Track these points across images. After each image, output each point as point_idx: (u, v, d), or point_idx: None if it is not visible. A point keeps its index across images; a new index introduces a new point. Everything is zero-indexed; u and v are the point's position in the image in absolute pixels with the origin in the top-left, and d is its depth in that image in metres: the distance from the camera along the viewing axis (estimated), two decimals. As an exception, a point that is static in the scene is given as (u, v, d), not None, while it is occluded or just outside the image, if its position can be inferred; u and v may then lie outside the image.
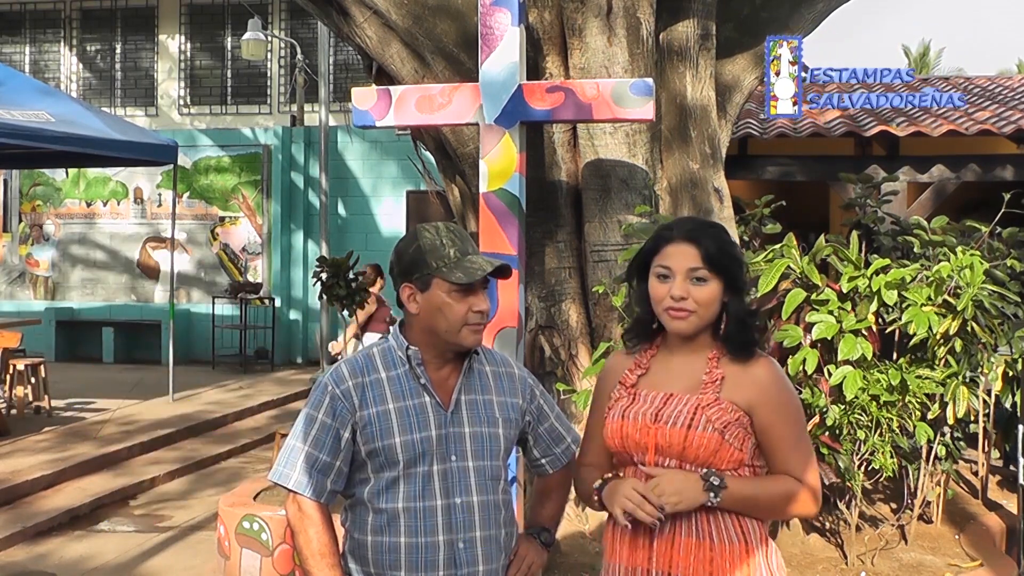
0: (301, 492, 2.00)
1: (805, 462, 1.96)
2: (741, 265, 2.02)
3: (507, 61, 4.46)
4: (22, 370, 8.25)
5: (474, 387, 2.10)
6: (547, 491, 2.31)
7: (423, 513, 1.99)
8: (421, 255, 2.02)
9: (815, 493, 1.97)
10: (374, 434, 1.99)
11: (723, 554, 1.92)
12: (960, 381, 4.37)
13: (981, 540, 4.87)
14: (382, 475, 2.01)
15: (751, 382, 1.96)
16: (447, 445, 2.02)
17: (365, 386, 2.02)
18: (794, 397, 2.00)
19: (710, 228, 2.04)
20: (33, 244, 13.82)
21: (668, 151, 5.35)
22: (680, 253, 1.98)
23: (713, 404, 1.94)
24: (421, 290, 2.03)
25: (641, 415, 1.99)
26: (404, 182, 12.80)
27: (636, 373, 2.08)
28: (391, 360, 2.07)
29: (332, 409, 2.01)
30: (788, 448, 1.96)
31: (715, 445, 1.91)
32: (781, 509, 2.00)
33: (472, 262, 2.01)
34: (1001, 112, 9.05)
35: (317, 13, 5.84)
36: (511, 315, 4.48)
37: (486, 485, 2.06)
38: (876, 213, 6.59)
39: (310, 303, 12.97)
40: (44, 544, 5.42)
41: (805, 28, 5.86)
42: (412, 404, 2.02)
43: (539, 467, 2.28)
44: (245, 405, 9.40)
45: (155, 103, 13.93)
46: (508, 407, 2.13)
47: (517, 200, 4.49)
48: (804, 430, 2.01)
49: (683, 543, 1.93)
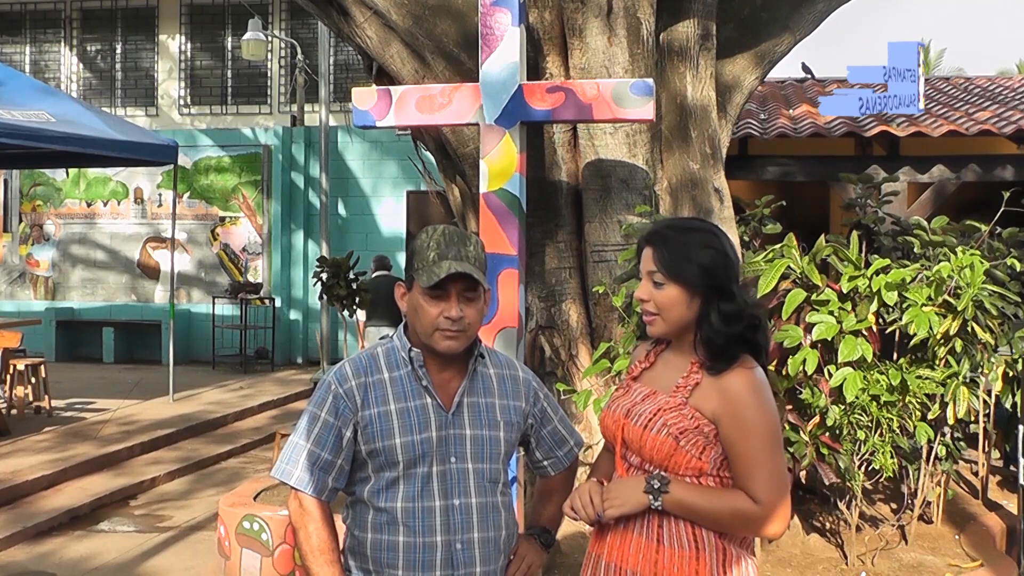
0: (303, 489, 2.02)
1: (765, 481, 1.88)
2: (705, 271, 1.93)
3: (507, 61, 4.46)
4: (22, 370, 8.25)
5: (477, 390, 2.10)
6: (549, 492, 2.32)
7: (421, 513, 2.00)
8: (411, 256, 2.05)
9: (771, 515, 1.88)
10: (375, 434, 2.00)
11: (671, 558, 1.92)
12: (960, 381, 4.37)
13: (981, 540, 4.87)
14: (382, 475, 2.02)
15: (718, 392, 1.91)
16: (447, 447, 2.03)
17: (368, 386, 2.03)
18: (764, 414, 1.90)
19: (673, 231, 2.00)
20: (33, 244, 13.82)
21: (668, 151, 5.35)
22: (645, 256, 2.01)
23: (674, 408, 1.93)
24: (408, 290, 2.06)
25: (620, 408, 2.04)
26: (404, 182, 12.81)
27: (642, 366, 2.10)
28: (394, 361, 2.08)
29: (335, 408, 2.02)
30: (748, 464, 1.89)
31: (668, 450, 1.91)
32: (727, 525, 1.92)
33: (439, 267, 1.97)
34: (1001, 112, 9.05)
35: (317, 13, 5.84)
36: (511, 315, 4.48)
37: (485, 487, 2.06)
38: (876, 213, 6.58)
39: (310, 303, 12.97)
40: (44, 544, 5.42)
41: (805, 28, 5.85)
42: (413, 405, 2.03)
43: (541, 469, 2.29)
44: (245, 405, 9.40)
45: (155, 103, 13.94)
46: (510, 410, 2.13)
47: (517, 200, 4.49)
48: (771, 448, 1.90)
49: (633, 540, 1.96)
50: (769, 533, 1.93)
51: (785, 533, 4.77)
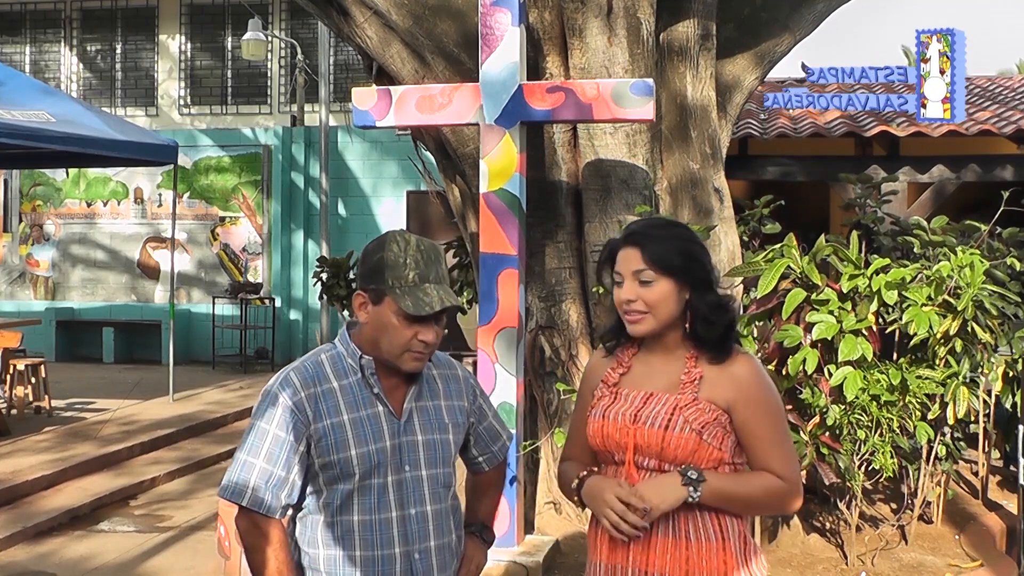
0: (256, 509, 1.92)
1: (785, 458, 1.96)
2: (695, 261, 1.98)
3: (507, 61, 4.46)
4: (22, 370, 8.25)
5: (424, 394, 2.06)
6: (484, 488, 2.31)
7: (379, 526, 1.96)
8: (381, 268, 1.95)
9: (795, 489, 1.97)
10: (329, 447, 1.93)
11: (700, 552, 1.93)
12: (960, 381, 4.37)
13: (981, 540, 4.87)
14: (335, 487, 1.96)
15: (729, 380, 1.96)
16: (401, 455, 1.99)
17: (318, 397, 1.95)
18: (773, 394, 2.00)
19: (655, 228, 2.04)
20: (33, 244, 13.82)
21: (668, 151, 5.35)
22: (625, 257, 2.01)
23: (691, 404, 1.94)
24: (373, 303, 1.96)
25: (621, 415, 2.01)
26: (404, 182, 12.80)
27: (618, 372, 2.09)
28: (342, 368, 2.00)
29: (285, 421, 1.92)
30: (767, 445, 1.96)
31: (693, 446, 1.92)
32: (762, 504, 2.02)
33: (427, 293, 1.92)
34: (1001, 112, 9.05)
35: (317, 13, 5.84)
36: (511, 315, 4.48)
37: (438, 493, 2.04)
38: (876, 213, 6.59)
39: (310, 303, 12.97)
40: (44, 544, 5.42)
41: (805, 28, 5.85)
42: (366, 414, 1.97)
43: (476, 465, 2.27)
44: (245, 405, 9.39)
45: (155, 103, 13.93)
46: (456, 411, 2.11)
47: (517, 200, 4.49)
48: (784, 427, 2.00)
49: (659, 542, 1.94)
50: (795, 508, 2.01)
51: (785, 533, 4.78)
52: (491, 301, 4.50)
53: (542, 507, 5.06)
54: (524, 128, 4.58)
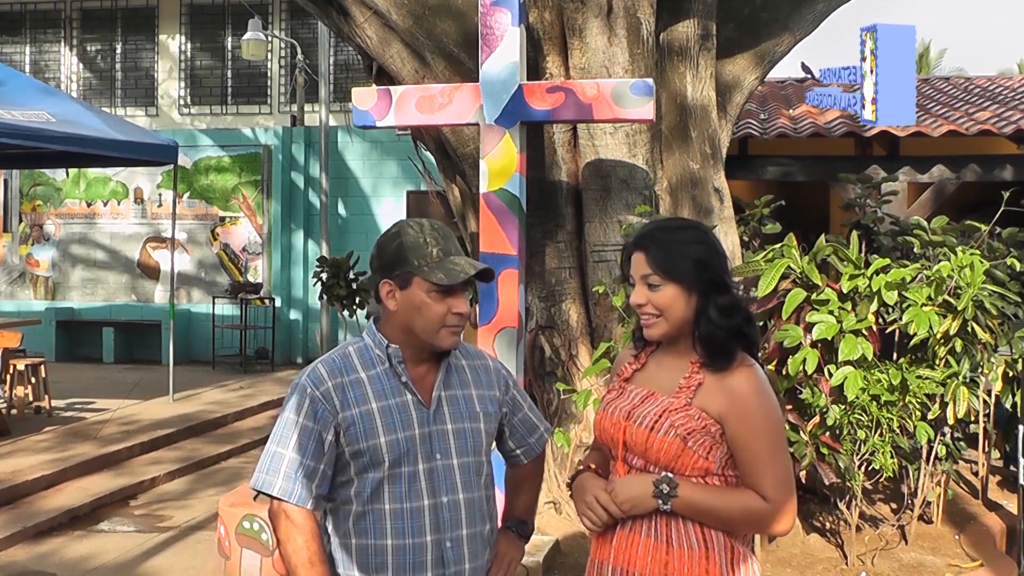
0: (287, 499, 1.94)
1: (775, 478, 1.89)
2: (701, 266, 1.94)
3: (507, 61, 4.46)
4: (22, 370, 8.24)
5: (453, 383, 2.08)
6: (521, 481, 2.31)
7: (410, 514, 1.97)
8: (403, 252, 1.99)
9: (779, 511, 1.89)
10: (358, 435, 1.96)
11: (681, 559, 1.91)
12: (960, 381, 4.37)
13: (981, 540, 4.87)
14: (366, 476, 1.98)
15: (724, 391, 1.91)
16: (431, 443, 2.01)
17: (345, 386, 1.98)
18: (770, 411, 1.92)
19: (661, 232, 2.01)
20: (33, 244, 13.82)
21: (668, 151, 5.35)
22: (635, 261, 2.00)
23: (680, 410, 1.92)
24: (401, 288, 2.00)
25: (618, 410, 2.02)
26: (404, 182, 12.80)
27: (633, 368, 2.09)
28: (369, 359, 2.03)
29: (313, 412, 1.96)
30: (757, 462, 1.90)
31: (676, 451, 1.90)
32: (739, 523, 1.93)
33: (455, 263, 1.98)
34: (1001, 112, 9.05)
35: (317, 13, 5.84)
36: (511, 315, 4.48)
37: (471, 482, 2.05)
38: (876, 213, 6.58)
39: (310, 303, 12.96)
40: (44, 544, 5.42)
41: (805, 28, 5.86)
42: (394, 403, 2.00)
43: (514, 458, 2.28)
44: (245, 405, 9.39)
45: (155, 103, 13.93)
46: (487, 400, 2.12)
47: (517, 200, 4.49)
48: (779, 445, 1.93)
49: (641, 542, 1.94)
50: (778, 530, 1.94)
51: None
52: (491, 301, 4.50)
53: (542, 507, 5.06)
54: (524, 128, 4.58)
